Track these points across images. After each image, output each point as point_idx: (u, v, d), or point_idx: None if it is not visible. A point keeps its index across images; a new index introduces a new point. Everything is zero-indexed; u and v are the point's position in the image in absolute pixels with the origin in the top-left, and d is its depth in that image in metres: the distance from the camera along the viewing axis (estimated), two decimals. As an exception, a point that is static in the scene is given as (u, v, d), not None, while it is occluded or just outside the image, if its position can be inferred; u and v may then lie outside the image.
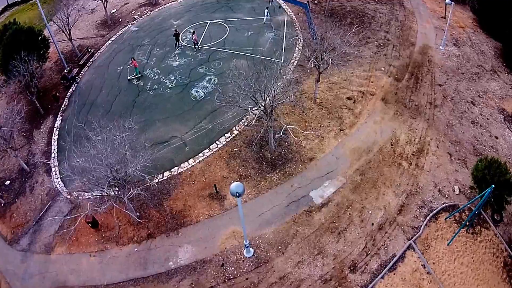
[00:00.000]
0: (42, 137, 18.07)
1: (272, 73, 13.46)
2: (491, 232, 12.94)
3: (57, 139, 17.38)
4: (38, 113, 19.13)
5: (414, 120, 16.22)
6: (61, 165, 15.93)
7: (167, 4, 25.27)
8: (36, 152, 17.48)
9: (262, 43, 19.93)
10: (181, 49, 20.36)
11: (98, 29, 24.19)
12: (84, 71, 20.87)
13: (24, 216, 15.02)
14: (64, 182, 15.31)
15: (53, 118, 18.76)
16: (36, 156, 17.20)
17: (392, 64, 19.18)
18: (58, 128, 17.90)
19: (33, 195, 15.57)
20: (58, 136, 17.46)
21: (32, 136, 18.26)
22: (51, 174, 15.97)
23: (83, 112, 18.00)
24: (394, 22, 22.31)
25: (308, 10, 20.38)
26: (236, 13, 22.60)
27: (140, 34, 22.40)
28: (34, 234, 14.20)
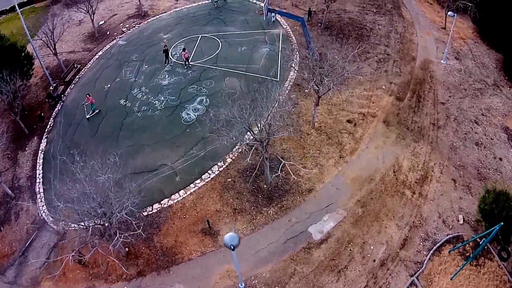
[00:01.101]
0: (27, 160, 16.96)
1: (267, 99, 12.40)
2: (494, 264, 12.31)
3: (42, 163, 16.20)
4: (23, 133, 18.04)
5: (417, 143, 15.39)
6: (47, 191, 14.94)
7: (157, 16, 23.87)
8: (21, 176, 16.41)
9: (257, 59, 18.84)
10: (171, 66, 19.27)
11: (85, 42, 22.96)
12: (70, 89, 19.62)
13: (9, 246, 14.14)
14: (49, 210, 14.32)
15: (38, 140, 17.67)
16: (21, 181, 16.08)
17: (393, 81, 18.33)
18: (43, 151, 16.80)
19: (18, 223, 14.70)
20: (43, 160, 16.31)
21: (16, 159, 17.22)
22: (36, 201, 14.91)
23: (69, 134, 16.87)
24: (394, 34, 21.43)
25: (305, 24, 19.37)
26: (228, 26, 21.42)
27: (128, 48, 21.17)
28: (20, 266, 13.35)
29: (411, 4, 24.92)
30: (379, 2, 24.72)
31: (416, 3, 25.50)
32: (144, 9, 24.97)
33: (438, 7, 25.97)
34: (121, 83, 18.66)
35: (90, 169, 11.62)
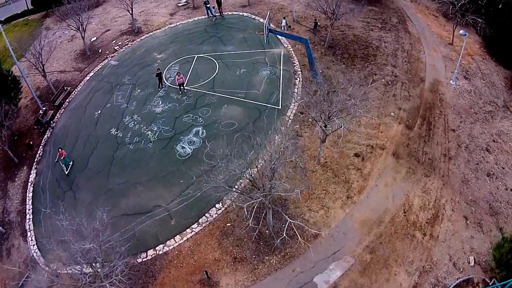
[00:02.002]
0: (16, 192, 15.86)
1: (270, 144, 11.32)
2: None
3: (32, 196, 15.03)
4: (12, 162, 16.83)
5: (428, 178, 14.27)
6: (37, 228, 13.78)
7: (151, 32, 22.41)
8: (11, 210, 15.31)
9: (257, 83, 17.44)
10: (164, 90, 17.88)
11: (77, 61, 21.60)
12: (59, 113, 18.34)
13: (3, 285, 13.33)
14: (40, 250, 13.30)
15: (27, 170, 16.48)
16: (12, 215, 14.93)
17: (402, 107, 16.99)
18: (33, 183, 15.56)
19: (10, 260, 13.73)
20: (33, 194, 15.11)
21: (6, 190, 16.17)
22: (27, 239, 13.75)
23: (58, 166, 15.50)
24: (401, 53, 20.14)
25: (309, 46, 17.55)
26: (226, 46, 19.96)
27: (120, 69, 19.82)
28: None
29: (416, 17, 23.58)
30: (384, 17, 23.36)
31: (422, 17, 24.23)
32: (138, 25, 23.40)
33: (444, 20, 24.71)
34: (112, 109, 17.33)
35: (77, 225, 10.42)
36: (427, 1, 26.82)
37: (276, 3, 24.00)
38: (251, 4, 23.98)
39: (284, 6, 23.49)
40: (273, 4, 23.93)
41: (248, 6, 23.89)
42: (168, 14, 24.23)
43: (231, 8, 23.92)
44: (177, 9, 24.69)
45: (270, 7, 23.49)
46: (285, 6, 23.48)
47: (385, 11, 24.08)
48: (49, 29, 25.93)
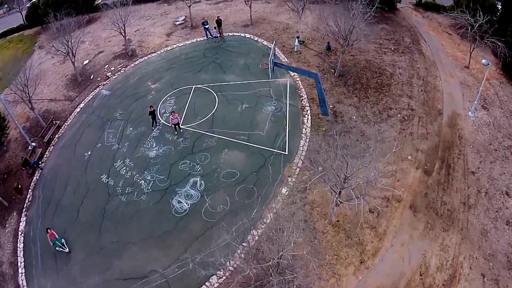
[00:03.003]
0: (7, 240, 13.69)
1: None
2: None
3: (23, 248, 12.91)
4: (2, 205, 14.66)
5: (446, 233, 12.06)
6: (30, 284, 11.68)
7: (145, 56, 19.43)
8: (3, 260, 13.24)
9: (261, 122, 14.66)
10: (159, 129, 15.09)
11: (68, 87, 18.88)
12: (49, 151, 15.80)
13: None
14: None
15: (17, 217, 14.16)
16: (4, 266, 12.89)
17: (419, 147, 14.34)
18: (23, 233, 13.38)
19: None
20: (24, 245, 13.00)
21: None
22: None
23: (48, 215, 13.36)
24: (416, 80, 17.23)
25: (319, 81, 14.91)
26: (226, 74, 17.06)
27: (112, 100, 17.08)
28: None
29: (430, 36, 20.60)
30: (396, 36, 20.26)
31: (435, 35, 21.02)
32: (132, 47, 20.45)
33: (458, 38, 21.24)
34: (103, 150, 14.75)
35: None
36: (439, 17, 23.35)
37: (281, 22, 20.83)
38: (253, 24, 20.85)
39: (289, 25, 20.35)
40: (277, 23, 20.77)
41: (251, 25, 20.74)
42: (164, 34, 21.15)
43: (232, 28, 20.78)
44: (174, 28, 21.63)
45: (274, 27, 20.39)
46: (290, 26, 20.35)
47: (397, 29, 21.04)
48: (42, 47, 23.03)
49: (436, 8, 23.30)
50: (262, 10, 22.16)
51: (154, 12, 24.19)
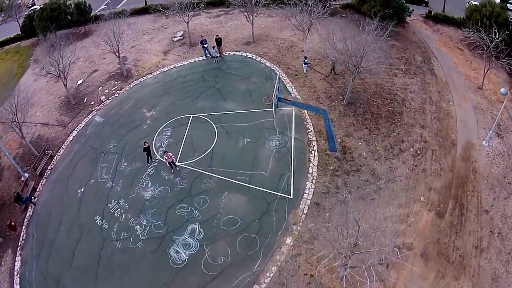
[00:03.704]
0: (4, 279, 12.31)
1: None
2: None
3: None
4: None
5: (457, 282, 10.63)
6: None
7: (141, 78, 17.23)
8: None
9: (263, 160, 12.83)
10: (154, 166, 13.27)
11: (61, 111, 16.86)
12: (41, 185, 14.09)
13: None
14: None
15: (12, 255, 12.69)
16: None
17: (433, 186, 12.70)
18: (19, 273, 11.94)
19: None
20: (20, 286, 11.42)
21: None
22: None
23: (42, 257, 11.87)
24: (429, 106, 15.23)
25: (328, 118, 12.38)
26: (226, 101, 15.02)
27: (106, 129, 15.11)
28: None
29: (441, 53, 18.42)
30: (407, 55, 17.98)
31: (446, 51, 18.83)
32: (128, 66, 18.21)
33: (470, 54, 19.03)
34: (96, 187, 13.10)
35: None
36: (450, 30, 20.98)
37: (285, 39, 18.42)
38: (255, 41, 18.48)
39: (294, 43, 18.01)
40: (281, 40, 18.39)
41: (253, 43, 18.36)
42: (161, 52, 18.84)
43: (233, 46, 18.43)
44: (171, 46, 19.24)
45: (278, 45, 18.00)
46: (295, 43, 18.02)
47: (408, 46, 18.76)
48: (37, 61, 20.55)
49: (446, 20, 20.89)
50: (264, 25, 19.66)
51: (151, 25, 21.67)
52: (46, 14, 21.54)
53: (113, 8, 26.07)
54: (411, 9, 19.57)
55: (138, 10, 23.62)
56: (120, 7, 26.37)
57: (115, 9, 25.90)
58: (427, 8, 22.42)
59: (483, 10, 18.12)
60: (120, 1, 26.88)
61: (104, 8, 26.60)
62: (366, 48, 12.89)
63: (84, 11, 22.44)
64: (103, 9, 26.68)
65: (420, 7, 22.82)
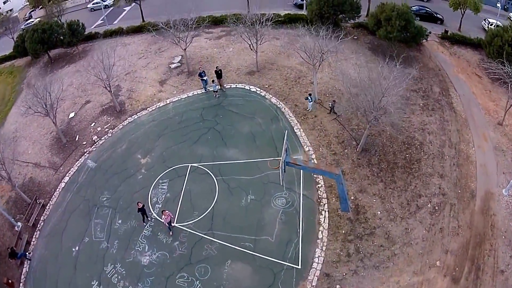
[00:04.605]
0: None
1: None
2: None
3: None
4: None
5: None
6: None
7: (135, 114, 14.62)
8: None
9: (269, 222, 10.65)
10: (151, 226, 11.12)
11: (52, 150, 14.48)
12: (35, 237, 11.99)
13: None
14: None
15: None
16: None
17: (449, 247, 10.61)
18: None
19: None
20: None
21: None
22: None
23: None
24: (448, 149, 12.87)
25: (342, 182, 10.05)
26: (228, 147, 12.61)
27: (98, 177, 12.80)
28: None
29: (459, 82, 15.71)
30: (424, 85, 15.34)
31: (465, 79, 16.09)
32: (121, 98, 15.49)
33: (489, 82, 16.32)
34: (91, 247, 11.13)
35: None
36: (467, 52, 18.22)
37: (292, 68, 15.74)
38: (260, 70, 15.67)
39: (303, 72, 15.32)
40: (288, 70, 15.70)
41: (257, 72, 15.57)
42: (157, 82, 16.07)
43: (235, 76, 15.64)
44: (168, 74, 16.50)
45: (285, 75, 15.29)
46: (303, 73, 15.33)
47: (425, 74, 16.13)
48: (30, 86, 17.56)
49: (463, 41, 18.36)
50: (270, 49, 16.76)
51: (148, 47, 18.72)
52: (37, 36, 18.67)
53: (109, 24, 22.95)
54: (428, 31, 16.94)
55: (135, 28, 20.45)
56: (117, 22, 23.44)
57: (112, 25, 22.83)
58: (443, 27, 19.63)
59: (505, 35, 15.53)
60: (117, 17, 23.65)
61: (100, 23, 23.46)
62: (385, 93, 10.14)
63: (77, 31, 19.55)
64: (99, 24, 23.56)
65: (435, 25, 20.15)
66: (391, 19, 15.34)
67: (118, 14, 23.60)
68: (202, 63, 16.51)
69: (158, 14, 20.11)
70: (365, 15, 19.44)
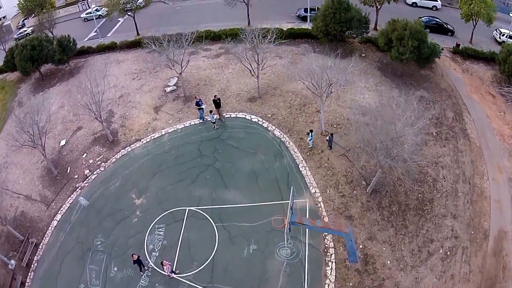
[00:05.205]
0: None
1: None
2: None
3: None
4: None
5: None
6: None
7: (128, 147, 12.83)
8: None
9: (272, 276, 9.31)
10: (148, 277, 9.72)
11: (43, 182, 12.87)
12: (30, 279, 10.59)
13: None
14: None
15: None
16: None
17: None
18: None
19: None
20: None
21: None
22: None
23: None
24: (462, 185, 11.34)
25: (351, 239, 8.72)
26: (228, 188, 11.00)
27: (91, 217, 11.28)
28: None
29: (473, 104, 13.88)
30: (437, 110, 13.56)
31: (479, 100, 14.20)
32: (114, 125, 13.69)
33: (502, 101, 14.46)
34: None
35: None
36: (480, 68, 16.18)
37: (297, 94, 13.88)
38: (262, 96, 13.83)
39: (308, 99, 13.38)
40: (292, 95, 13.84)
41: (259, 98, 13.73)
42: (152, 109, 14.21)
43: (235, 103, 13.82)
44: (164, 99, 14.59)
45: (289, 101, 13.53)
46: (309, 100, 13.40)
47: (437, 96, 14.30)
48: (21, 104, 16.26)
49: (476, 56, 16.40)
50: (272, 71, 14.72)
51: (142, 66, 16.60)
52: (27, 53, 16.65)
53: (103, 37, 20.58)
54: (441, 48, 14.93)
55: (129, 44, 18.27)
56: (111, 35, 21.04)
57: (105, 38, 20.46)
58: (454, 40, 17.59)
59: (521, 53, 14.23)
60: (111, 29, 21.17)
61: (94, 36, 21.13)
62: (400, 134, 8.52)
63: (68, 48, 17.34)
64: (92, 37, 21.17)
65: (446, 37, 18.10)
66: (403, 38, 13.34)
67: (111, 26, 21.19)
68: (200, 87, 14.61)
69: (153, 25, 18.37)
70: (372, 27, 17.19)
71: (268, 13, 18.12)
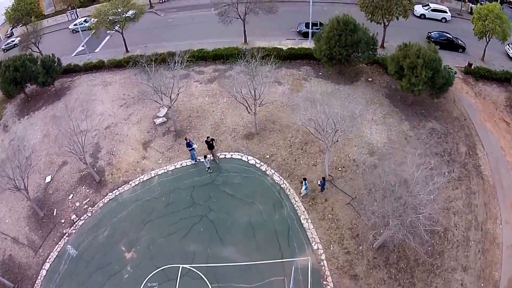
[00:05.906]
0: None
1: None
2: None
3: None
4: None
5: None
6: None
7: (116, 190, 11.21)
8: None
9: None
10: None
11: (29, 223, 11.30)
12: None
13: None
14: None
15: None
16: None
17: None
18: None
19: None
20: None
21: None
22: None
23: None
24: (474, 233, 9.86)
25: None
26: (224, 244, 9.51)
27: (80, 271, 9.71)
28: None
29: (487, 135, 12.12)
30: (449, 144, 11.74)
31: (492, 129, 12.38)
32: (100, 162, 11.90)
33: None
34: None
35: None
36: (493, 90, 14.10)
37: (297, 130, 11.94)
38: (259, 132, 11.90)
39: (310, 136, 11.20)
40: (293, 132, 11.95)
41: (257, 135, 11.80)
42: (140, 144, 12.32)
43: (230, 141, 11.90)
44: (153, 133, 12.65)
45: (289, 139, 11.65)
46: (311, 138, 11.35)
47: (449, 127, 12.44)
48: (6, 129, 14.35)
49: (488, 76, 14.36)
50: (271, 100, 12.57)
51: (130, 90, 14.47)
52: (9, 75, 14.61)
53: (90, 52, 18.24)
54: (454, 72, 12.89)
55: (117, 63, 16.01)
56: (99, 50, 18.75)
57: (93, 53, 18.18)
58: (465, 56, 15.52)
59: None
60: (99, 43, 18.82)
61: (81, 50, 18.82)
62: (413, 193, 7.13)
63: (52, 68, 15.22)
64: (79, 52, 18.85)
65: (457, 54, 15.92)
66: (416, 67, 11.23)
67: (100, 41, 18.68)
68: (192, 119, 12.62)
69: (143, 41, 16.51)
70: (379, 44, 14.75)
71: (266, 28, 15.91)
